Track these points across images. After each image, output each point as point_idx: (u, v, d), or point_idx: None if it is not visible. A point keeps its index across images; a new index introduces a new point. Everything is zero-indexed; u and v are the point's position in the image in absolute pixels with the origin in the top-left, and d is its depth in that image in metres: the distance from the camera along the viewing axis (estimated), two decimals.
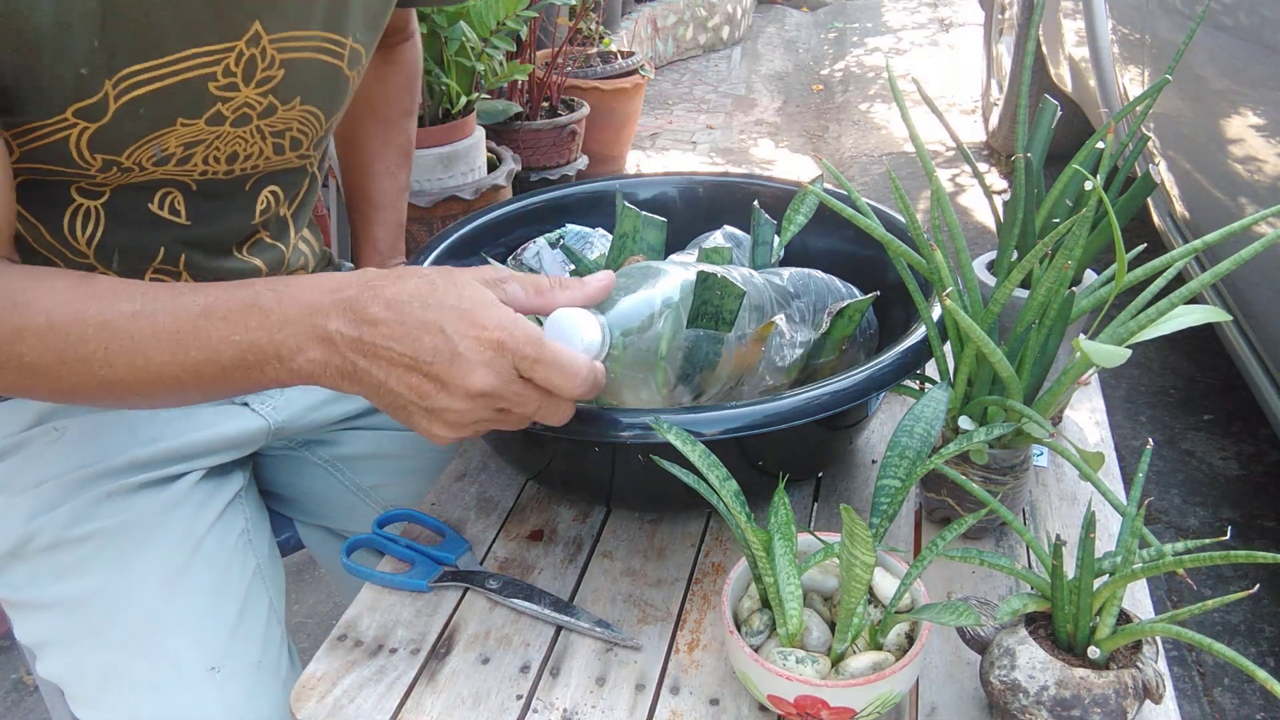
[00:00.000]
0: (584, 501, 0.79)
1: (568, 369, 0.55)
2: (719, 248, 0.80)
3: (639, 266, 0.67)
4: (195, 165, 0.71)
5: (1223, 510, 1.74)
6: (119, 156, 0.67)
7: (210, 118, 0.69)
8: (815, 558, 0.60)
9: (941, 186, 0.66)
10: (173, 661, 0.74)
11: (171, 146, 0.68)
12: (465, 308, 0.54)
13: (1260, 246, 0.56)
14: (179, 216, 0.74)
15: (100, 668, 0.74)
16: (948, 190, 3.09)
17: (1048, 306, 0.61)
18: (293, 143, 0.76)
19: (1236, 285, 1.55)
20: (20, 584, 0.78)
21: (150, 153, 0.67)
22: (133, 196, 0.71)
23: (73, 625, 0.76)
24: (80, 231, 0.71)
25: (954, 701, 0.60)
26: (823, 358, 0.77)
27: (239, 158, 0.73)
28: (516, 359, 0.54)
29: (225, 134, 0.71)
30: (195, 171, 0.72)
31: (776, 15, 5.71)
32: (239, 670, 0.75)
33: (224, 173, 0.74)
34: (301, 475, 0.94)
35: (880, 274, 0.82)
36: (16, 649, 1.52)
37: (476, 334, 0.54)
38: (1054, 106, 0.73)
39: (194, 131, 0.68)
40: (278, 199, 0.80)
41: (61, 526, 0.77)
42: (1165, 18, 1.77)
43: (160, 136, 0.67)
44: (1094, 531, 0.51)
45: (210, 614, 0.76)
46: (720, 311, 0.65)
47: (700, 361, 0.66)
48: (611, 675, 0.63)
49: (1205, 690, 1.43)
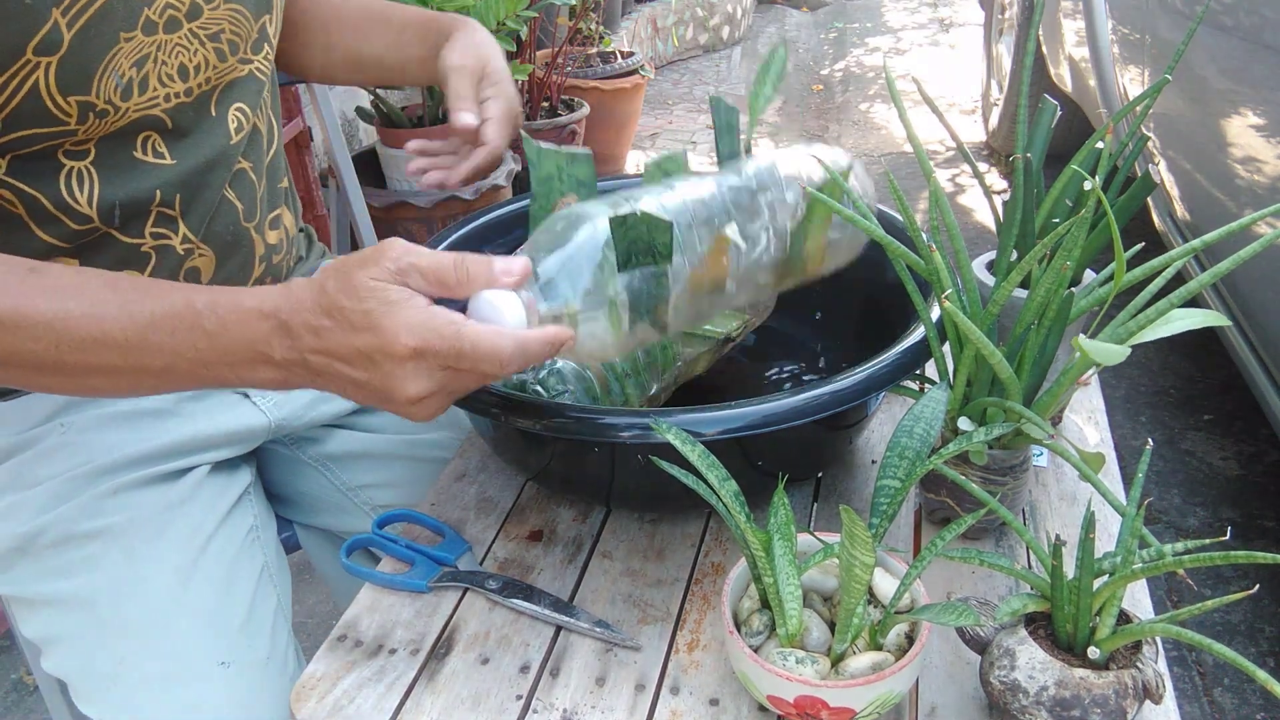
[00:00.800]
0: (584, 501, 0.79)
1: (491, 356, 0.54)
2: (672, 155, 0.75)
3: (566, 213, 0.64)
4: (155, 89, 0.72)
5: (1223, 510, 1.74)
6: (89, 95, 0.68)
7: (144, 25, 0.70)
8: (815, 558, 0.60)
9: (940, 187, 0.66)
10: (182, 657, 0.74)
11: (125, 69, 0.69)
12: (373, 325, 0.54)
13: (1259, 246, 0.56)
14: (163, 158, 0.75)
15: (109, 663, 0.75)
16: (947, 190, 3.10)
17: (1047, 307, 0.61)
18: (230, 46, 0.77)
19: (1236, 285, 1.55)
20: (27, 580, 0.78)
21: (112, 82, 0.69)
22: (116, 146, 0.72)
23: (81, 621, 0.76)
24: (79, 193, 0.72)
25: (954, 701, 0.60)
26: (806, 247, 0.71)
27: (190, 72, 0.74)
28: (439, 360, 0.54)
29: (163, 43, 0.72)
30: (160, 99, 0.73)
31: (776, 15, 5.71)
32: (248, 666, 0.75)
33: (184, 93, 0.75)
34: (295, 474, 0.94)
35: (880, 273, 0.82)
36: (16, 649, 1.52)
37: (390, 352, 0.54)
38: (1054, 106, 0.73)
39: (136, 45, 0.70)
40: (245, 115, 0.81)
41: (69, 522, 0.77)
42: (1165, 18, 1.77)
43: (113, 59, 0.68)
44: (1094, 532, 0.51)
45: (219, 610, 0.77)
46: (654, 246, 0.61)
47: (653, 297, 0.63)
48: (611, 675, 0.63)
49: (1205, 690, 1.43)
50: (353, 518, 0.93)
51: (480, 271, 0.56)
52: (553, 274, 0.59)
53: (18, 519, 0.77)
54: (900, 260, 0.68)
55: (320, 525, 0.96)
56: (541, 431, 0.65)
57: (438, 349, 0.54)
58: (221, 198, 0.80)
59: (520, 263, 0.58)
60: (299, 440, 0.93)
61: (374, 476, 0.93)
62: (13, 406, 0.79)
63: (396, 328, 0.53)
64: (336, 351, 0.55)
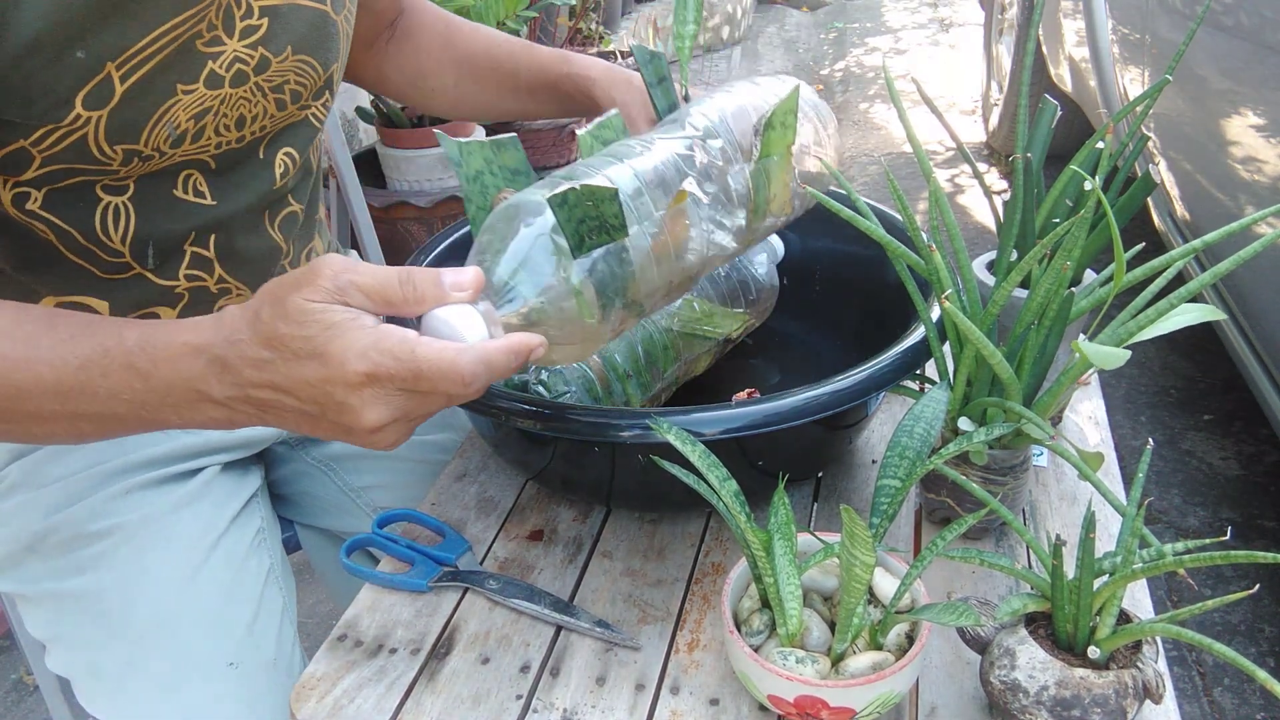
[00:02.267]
0: (584, 501, 0.79)
1: (451, 375, 0.50)
2: (607, 120, 0.71)
3: (504, 207, 0.59)
4: (209, 139, 0.71)
5: (1223, 510, 1.74)
6: (137, 145, 0.66)
7: (208, 79, 0.68)
8: (815, 558, 0.60)
9: (940, 187, 0.66)
10: (190, 657, 0.74)
11: (182, 121, 0.68)
12: (318, 352, 0.49)
13: (1259, 247, 0.56)
14: (204, 198, 0.74)
15: (117, 663, 0.75)
16: (947, 190, 3.09)
17: (1046, 307, 0.61)
18: (293, 96, 0.76)
19: (1237, 285, 1.55)
20: (35, 578, 0.78)
21: (165, 133, 0.67)
22: (156, 184, 0.71)
23: (89, 620, 0.76)
24: (113, 229, 0.71)
25: (954, 701, 0.60)
26: (771, 186, 0.68)
27: (246, 121, 0.73)
28: (395, 384, 0.50)
29: (227, 96, 0.70)
30: (210, 146, 0.71)
31: (776, 15, 5.71)
32: (255, 668, 0.75)
33: (236, 140, 0.73)
34: (298, 475, 0.94)
35: (880, 273, 0.82)
36: (17, 649, 1.52)
37: (340, 380, 0.49)
38: (1054, 106, 0.73)
39: (197, 99, 0.68)
40: (294, 160, 0.80)
41: (80, 522, 0.77)
42: (1165, 18, 1.77)
43: (168, 110, 0.67)
44: (1094, 531, 0.51)
45: (227, 611, 0.77)
46: (603, 219, 0.55)
47: (618, 278, 0.59)
48: (611, 675, 0.63)
49: (1205, 690, 1.43)
50: (354, 518, 0.93)
51: (429, 288, 0.52)
52: (505, 276, 0.55)
53: (29, 518, 0.77)
54: (900, 260, 0.68)
55: (321, 526, 0.97)
56: (542, 431, 0.65)
57: (393, 372, 0.49)
58: (266, 239, 0.80)
59: (471, 273, 0.53)
60: (302, 441, 0.93)
61: (376, 478, 0.93)
62: None
63: (344, 353, 0.49)
64: (283, 384, 0.51)
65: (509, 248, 0.56)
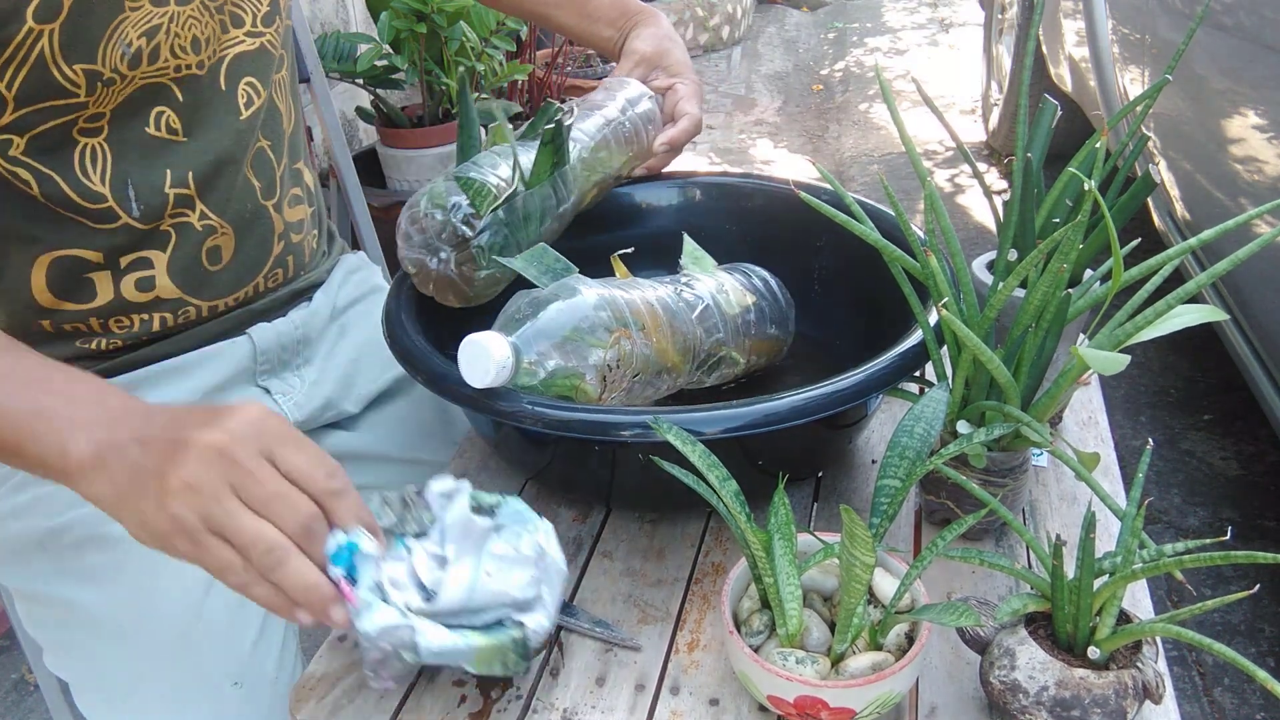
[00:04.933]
0: (584, 501, 0.79)
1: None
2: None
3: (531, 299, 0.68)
4: (166, 60, 0.73)
5: (1223, 510, 1.74)
6: (95, 64, 0.68)
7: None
8: (815, 558, 0.60)
9: (934, 191, 0.66)
10: (198, 674, 0.74)
11: (133, 38, 0.70)
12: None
13: (1256, 246, 0.56)
14: (176, 134, 0.75)
15: (125, 677, 0.74)
16: (947, 190, 3.09)
17: (1044, 309, 0.61)
18: (234, 19, 0.78)
19: (1236, 285, 1.55)
20: (43, 577, 0.78)
21: (119, 50, 0.69)
22: (129, 122, 0.73)
23: (99, 632, 0.76)
24: (92, 171, 0.72)
25: (954, 701, 0.60)
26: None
27: (201, 44, 0.75)
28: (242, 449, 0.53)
29: (175, 14, 0.72)
30: (170, 69, 0.73)
31: (776, 15, 5.71)
32: (259, 686, 0.75)
33: (196, 65, 0.75)
34: None
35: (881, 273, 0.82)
36: (17, 648, 1.51)
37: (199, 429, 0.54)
38: (1054, 106, 0.73)
39: (145, 15, 0.70)
40: (257, 92, 0.81)
41: (94, 523, 0.77)
42: (1165, 18, 1.77)
43: (118, 26, 0.69)
44: (1094, 532, 0.51)
45: (234, 626, 0.77)
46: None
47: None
48: (611, 675, 0.63)
49: (1205, 690, 1.43)
50: None
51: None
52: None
53: (43, 514, 0.77)
54: (896, 265, 0.68)
55: None
56: (542, 431, 0.65)
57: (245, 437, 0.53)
58: (241, 177, 0.81)
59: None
60: None
61: (367, 478, 0.92)
62: None
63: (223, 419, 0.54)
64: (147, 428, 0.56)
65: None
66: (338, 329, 0.93)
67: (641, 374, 0.70)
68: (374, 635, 0.53)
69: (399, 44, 2.13)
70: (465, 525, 0.58)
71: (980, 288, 0.75)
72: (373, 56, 2.15)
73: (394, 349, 0.72)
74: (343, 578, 0.54)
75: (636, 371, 0.69)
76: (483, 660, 0.56)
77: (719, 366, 0.79)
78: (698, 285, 0.78)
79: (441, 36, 2.17)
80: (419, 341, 0.71)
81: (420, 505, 0.59)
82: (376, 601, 0.54)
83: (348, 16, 2.83)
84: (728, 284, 0.80)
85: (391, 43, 2.14)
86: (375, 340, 0.90)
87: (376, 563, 0.55)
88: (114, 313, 0.78)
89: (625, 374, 0.68)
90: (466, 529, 0.58)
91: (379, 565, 0.55)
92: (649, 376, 0.71)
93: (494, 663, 0.57)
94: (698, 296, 0.77)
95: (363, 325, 0.94)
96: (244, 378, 0.85)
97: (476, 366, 0.61)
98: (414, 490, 0.60)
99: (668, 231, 0.89)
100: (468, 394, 0.64)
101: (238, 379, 0.85)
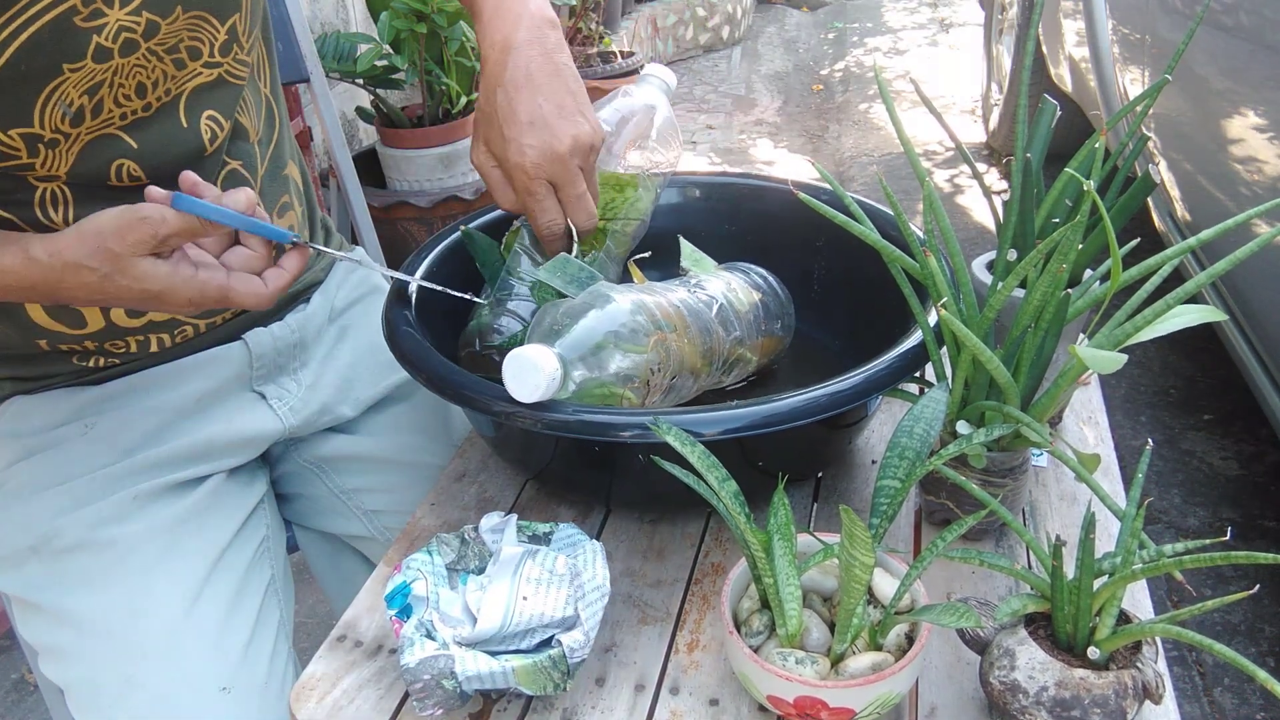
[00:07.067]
0: (584, 501, 0.79)
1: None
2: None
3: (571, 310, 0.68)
4: (110, 110, 0.69)
5: (1223, 510, 1.74)
6: (33, 127, 0.66)
7: (95, 53, 0.66)
8: (815, 558, 0.60)
9: (933, 191, 0.66)
10: (187, 679, 0.74)
11: (74, 98, 0.66)
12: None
13: (1256, 246, 0.56)
14: (140, 179, 0.72)
15: (116, 683, 0.74)
16: (947, 190, 3.09)
17: (1043, 309, 0.61)
18: (191, 53, 0.72)
19: (1236, 285, 1.55)
20: (36, 583, 0.78)
21: (59, 111, 0.66)
22: (88, 179, 0.71)
23: (91, 637, 0.76)
24: (54, 213, 0.71)
25: (954, 702, 0.60)
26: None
27: (147, 89, 0.71)
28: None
29: (119, 67, 0.68)
30: (115, 118, 0.70)
31: (776, 15, 5.71)
32: (248, 691, 0.75)
33: (142, 108, 0.71)
34: (293, 475, 0.94)
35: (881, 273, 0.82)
36: (17, 649, 1.52)
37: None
38: (1054, 106, 0.73)
39: (86, 74, 0.66)
40: (219, 124, 0.76)
41: (86, 528, 0.76)
42: (1165, 18, 1.77)
43: (57, 89, 0.65)
44: (1094, 532, 0.51)
45: (225, 630, 0.77)
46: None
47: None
48: (611, 675, 0.63)
49: (1205, 690, 1.43)
50: (346, 520, 0.93)
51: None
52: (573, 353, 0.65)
53: (35, 518, 0.77)
54: (896, 265, 0.68)
55: (315, 527, 0.96)
56: (542, 431, 0.65)
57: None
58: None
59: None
60: (294, 441, 0.93)
61: (365, 480, 0.92)
62: (38, 402, 0.79)
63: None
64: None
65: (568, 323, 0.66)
66: (336, 331, 0.93)
67: (677, 376, 0.70)
68: (414, 668, 0.57)
69: (399, 44, 2.14)
70: (507, 553, 0.64)
71: (980, 288, 0.75)
72: (373, 56, 2.15)
73: (394, 349, 0.72)
74: (393, 616, 0.60)
75: (673, 374, 0.69)
76: (527, 681, 0.58)
77: (735, 366, 0.79)
78: (709, 286, 0.78)
79: (441, 36, 2.17)
80: (420, 342, 0.71)
81: (478, 542, 0.67)
82: (419, 639, 0.59)
83: (348, 16, 2.83)
84: (734, 283, 0.80)
85: (391, 43, 2.14)
86: (375, 344, 0.90)
87: (426, 602, 0.61)
88: (108, 337, 0.78)
89: (665, 378, 0.68)
90: (507, 557, 0.64)
91: (427, 604, 0.61)
92: (682, 379, 0.71)
93: (542, 683, 0.59)
94: (711, 297, 0.76)
95: (362, 326, 0.94)
96: (238, 384, 0.85)
97: (526, 381, 0.60)
98: (471, 529, 0.67)
99: (668, 233, 0.89)
100: (468, 395, 0.64)
101: (231, 385, 0.84)
